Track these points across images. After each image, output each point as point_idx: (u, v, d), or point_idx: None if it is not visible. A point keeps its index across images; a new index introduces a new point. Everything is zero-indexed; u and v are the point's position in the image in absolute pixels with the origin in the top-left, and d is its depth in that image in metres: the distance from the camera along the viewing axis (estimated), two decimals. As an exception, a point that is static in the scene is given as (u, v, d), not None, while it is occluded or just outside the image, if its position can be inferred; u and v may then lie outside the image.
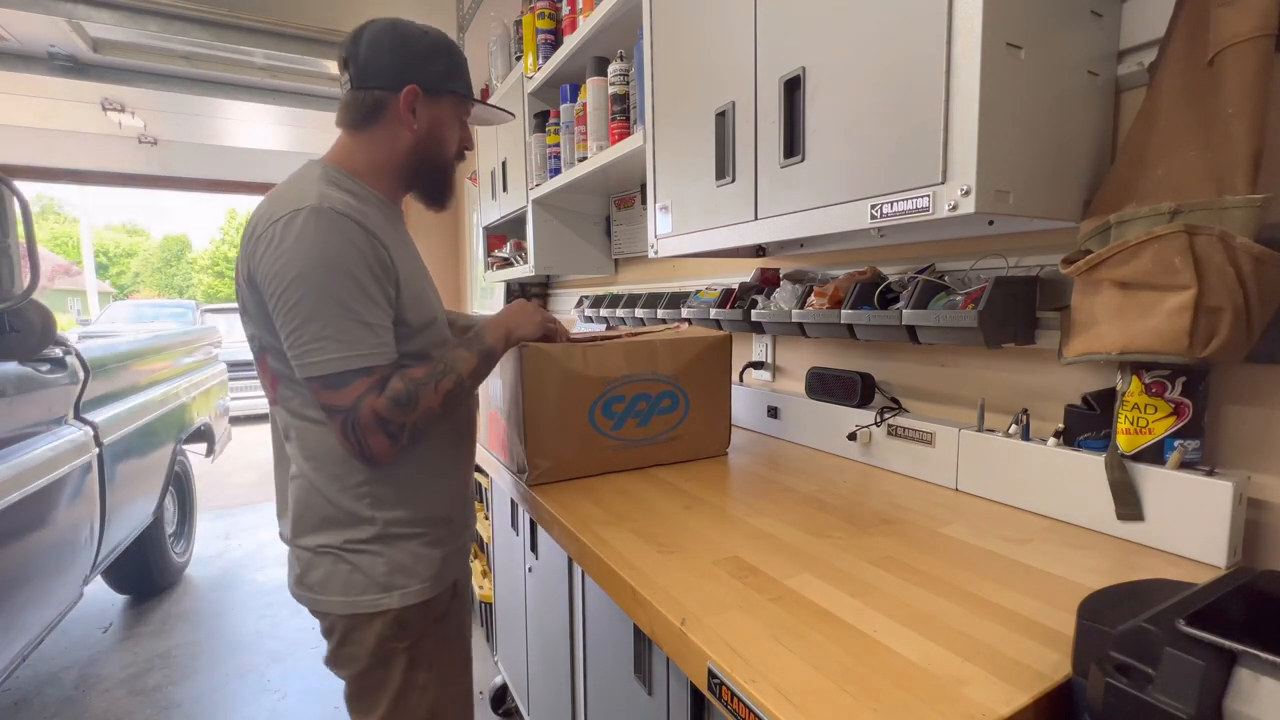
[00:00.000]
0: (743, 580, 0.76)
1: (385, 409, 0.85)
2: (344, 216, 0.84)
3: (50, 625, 1.83)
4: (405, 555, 0.95)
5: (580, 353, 1.16)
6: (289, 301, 0.83)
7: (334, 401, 0.85)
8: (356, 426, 0.85)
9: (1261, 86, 0.70)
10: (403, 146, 0.97)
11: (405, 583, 0.95)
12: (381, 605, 0.93)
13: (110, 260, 24.69)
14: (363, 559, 0.93)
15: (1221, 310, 0.70)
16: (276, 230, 0.83)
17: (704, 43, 1.17)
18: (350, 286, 0.84)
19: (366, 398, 0.85)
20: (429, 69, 0.96)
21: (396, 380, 0.87)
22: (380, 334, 0.87)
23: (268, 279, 0.83)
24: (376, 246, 0.87)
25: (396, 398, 0.86)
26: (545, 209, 2.20)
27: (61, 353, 1.93)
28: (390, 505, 0.95)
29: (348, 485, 0.92)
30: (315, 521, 0.94)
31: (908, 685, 0.55)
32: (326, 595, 0.94)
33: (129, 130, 4.84)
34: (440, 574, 0.99)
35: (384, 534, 0.94)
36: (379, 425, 0.85)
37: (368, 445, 0.86)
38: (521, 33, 2.11)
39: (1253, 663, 0.42)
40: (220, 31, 3.17)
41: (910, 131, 0.78)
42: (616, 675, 0.98)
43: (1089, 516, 0.90)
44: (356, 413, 0.84)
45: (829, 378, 1.36)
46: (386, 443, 0.87)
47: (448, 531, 1.02)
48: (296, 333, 0.83)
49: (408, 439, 0.89)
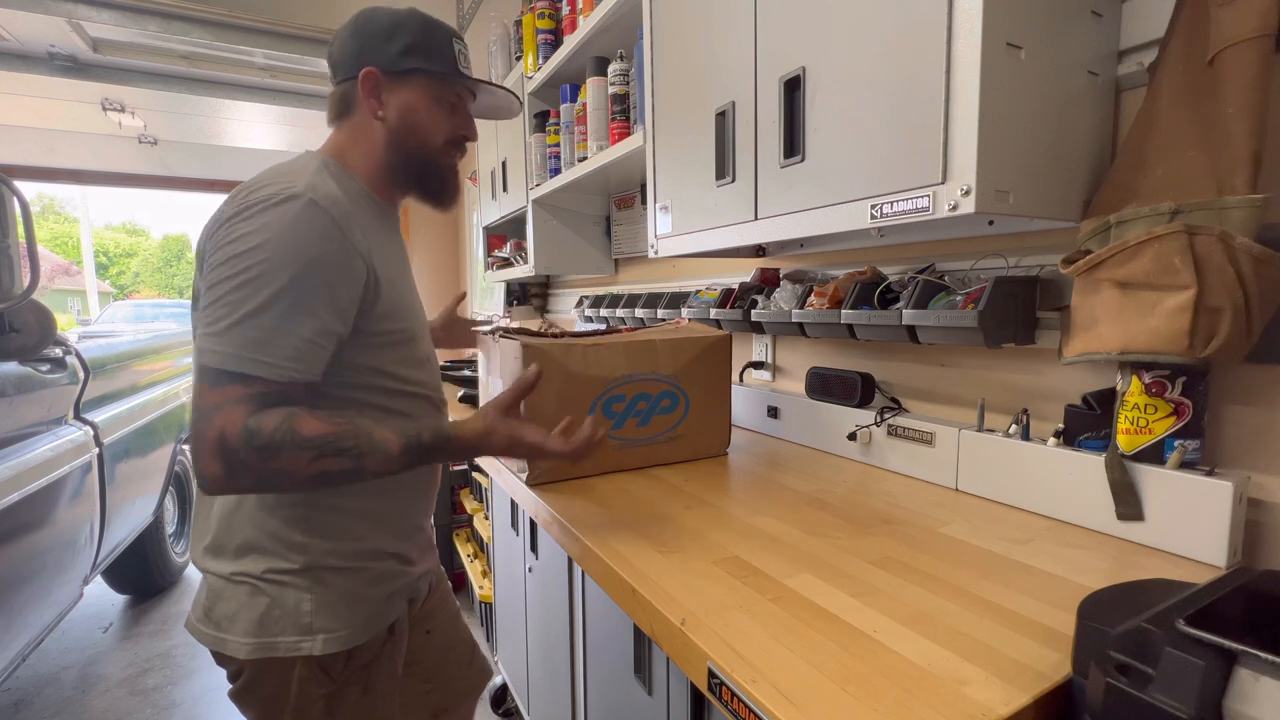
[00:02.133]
0: (743, 580, 0.76)
1: (235, 437, 0.69)
2: (326, 214, 0.76)
3: (50, 625, 1.83)
4: (336, 594, 0.82)
5: (580, 352, 1.16)
6: (219, 275, 0.72)
7: (198, 401, 0.72)
8: (200, 438, 0.70)
9: (1261, 86, 0.70)
10: (378, 139, 0.89)
11: (332, 626, 0.81)
12: (301, 650, 0.80)
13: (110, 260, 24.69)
14: (285, 594, 0.80)
15: (1221, 310, 0.70)
16: (252, 206, 0.74)
17: (704, 43, 1.17)
18: (294, 287, 0.73)
19: (227, 410, 0.70)
20: (387, 49, 0.86)
21: (274, 417, 0.71)
22: (298, 348, 0.73)
23: (215, 247, 0.74)
24: (351, 254, 0.78)
25: (254, 434, 0.69)
26: (545, 209, 2.20)
27: (61, 353, 1.93)
28: (329, 534, 0.82)
29: (279, 504, 0.80)
30: (235, 545, 0.81)
31: (908, 685, 0.55)
32: (233, 635, 0.80)
33: (129, 130, 4.84)
34: (376, 617, 0.86)
35: (315, 565, 0.81)
36: (219, 450, 0.69)
37: (201, 464, 0.71)
38: (521, 33, 2.11)
39: (1253, 663, 0.42)
40: (220, 31, 3.18)
41: (910, 131, 0.78)
42: (616, 675, 0.98)
43: (1089, 516, 0.90)
44: (206, 422, 0.70)
45: (829, 378, 1.36)
46: (220, 473, 0.70)
47: (394, 568, 0.89)
48: (209, 310, 0.72)
49: (249, 485, 0.73)
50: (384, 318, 0.84)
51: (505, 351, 1.17)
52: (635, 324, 1.91)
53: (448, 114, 0.93)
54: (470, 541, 2.66)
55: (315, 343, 0.75)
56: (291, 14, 3.22)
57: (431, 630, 1.09)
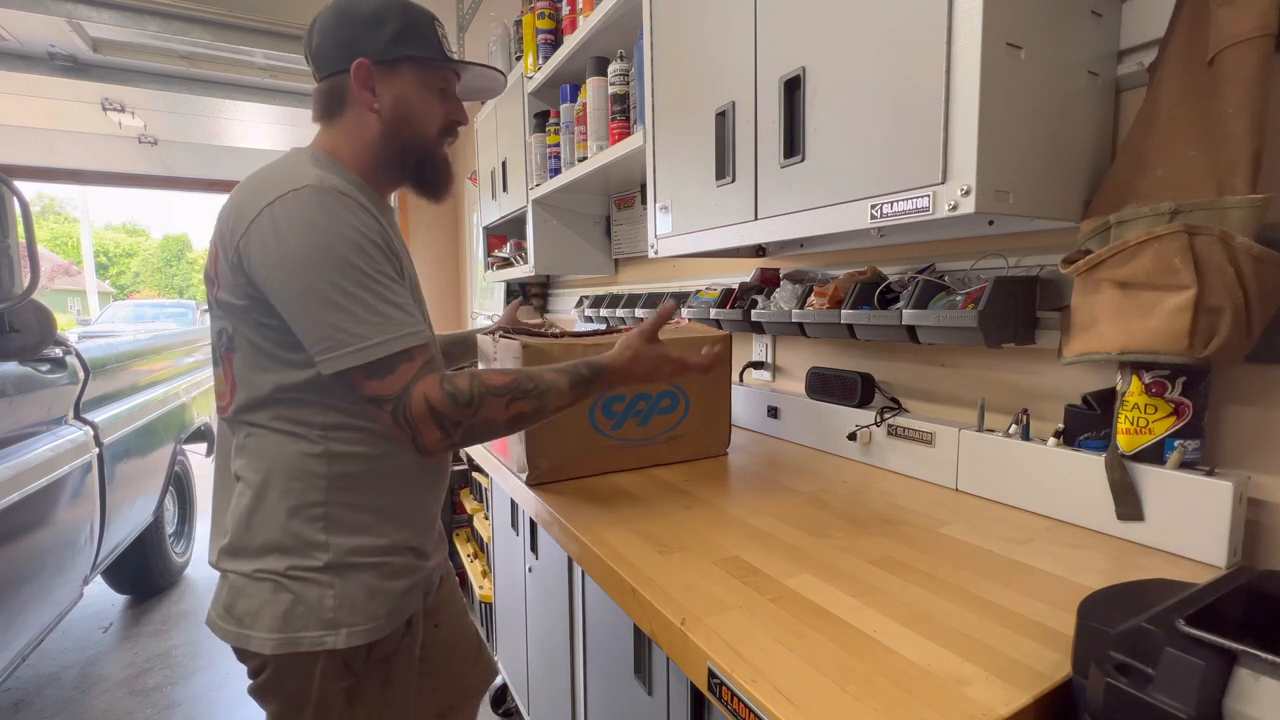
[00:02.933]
0: (743, 580, 0.76)
1: (440, 401, 0.77)
2: (346, 196, 0.77)
3: (50, 625, 1.83)
4: (359, 589, 0.83)
5: (580, 352, 1.16)
6: (299, 286, 0.74)
7: (379, 391, 0.77)
8: (408, 414, 0.77)
9: (1261, 86, 0.70)
10: (372, 132, 0.88)
11: (354, 620, 0.82)
12: (325, 644, 0.81)
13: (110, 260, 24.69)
14: (308, 589, 0.81)
15: (1221, 310, 0.70)
16: (275, 210, 0.74)
17: (704, 43, 1.17)
18: (369, 265, 0.76)
19: (417, 384, 0.77)
20: (376, 37, 0.85)
21: (464, 379, 0.80)
22: (411, 312, 0.79)
23: (270, 265, 0.74)
24: (384, 229, 0.81)
25: (456, 395, 0.78)
26: (545, 209, 2.20)
27: (61, 353, 1.93)
28: (349, 530, 0.83)
29: (303, 504, 0.82)
30: (257, 545, 0.82)
31: (908, 685, 0.55)
32: (257, 630, 0.81)
33: (129, 130, 4.84)
34: (396, 610, 0.87)
35: (337, 563, 0.82)
36: (432, 417, 0.77)
37: (421, 436, 0.78)
38: (521, 33, 2.11)
39: (1253, 663, 0.42)
40: (220, 31, 3.17)
41: (910, 131, 0.78)
42: (616, 675, 0.98)
43: (1089, 516, 0.90)
44: (407, 399, 0.77)
45: (829, 378, 1.36)
46: (439, 435, 0.79)
47: (411, 562, 0.90)
48: (316, 319, 0.74)
49: (461, 438, 0.81)
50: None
51: (505, 351, 1.17)
52: (635, 324, 1.90)
53: (439, 100, 0.92)
54: (470, 541, 2.67)
55: (413, 304, 0.81)
56: (291, 14, 3.22)
57: (439, 624, 1.08)
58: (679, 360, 0.95)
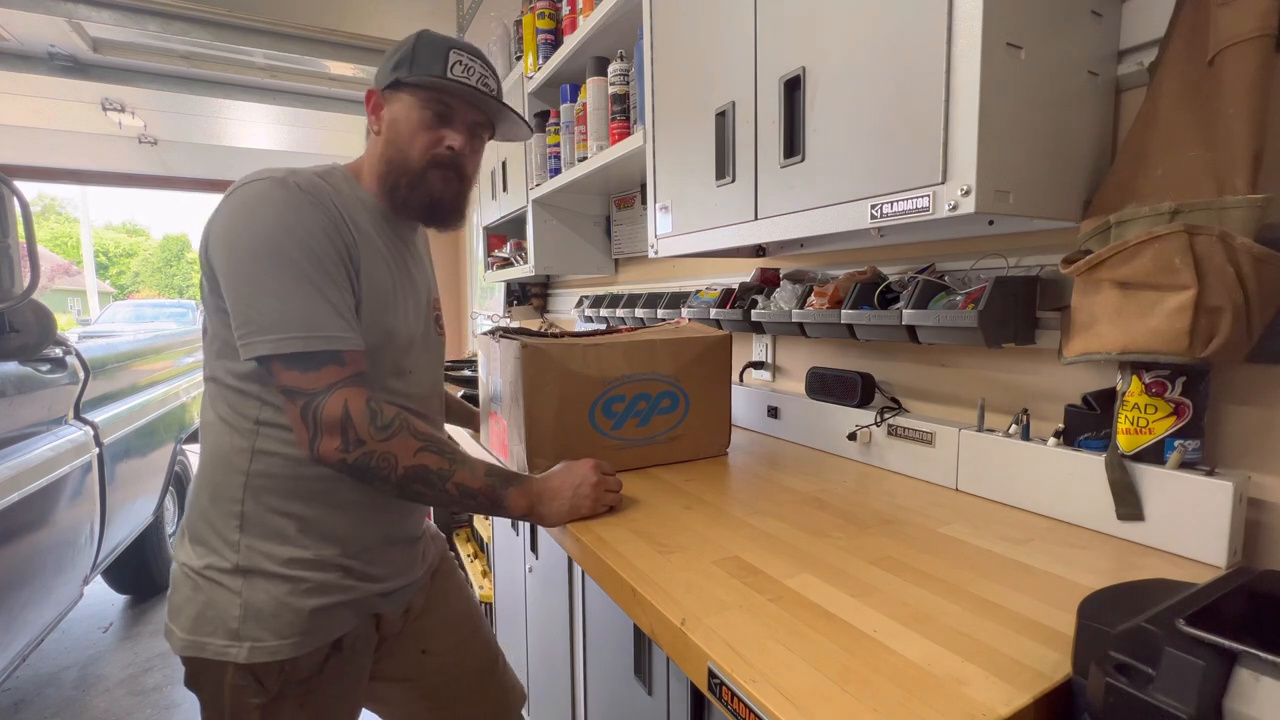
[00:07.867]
0: (743, 580, 0.76)
1: (358, 414, 0.76)
2: (306, 193, 0.78)
3: (50, 625, 1.83)
4: (266, 600, 0.80)
5: (580, 352, 1.16)
6: (240, 270, 0.75)
7: (296, 383, 0.75)
8: (319, 414, 0.75)
9: (1261, 86, 0.70)
10: (375, 154, 0.92)
11: (259, 635, 0.79)
12: (228, 655, 0.79)
13: (110, 260, 24.70)
14: (218, 593, 0.79)
15: (1221, 310, 0.70)
16: (234, 197, 0.77)
17: (704, 43, 1.17)
18: (309, 262, 0.76)
19: (341, 389, 0.76)
20: (386, 65, 0.91)
21: (390, 408, 0.80)
22: (346, 317, 0.78)
23: (218, 249, 0.76)
24: (343, 229, 0.81)
25: (376, 415, 0.77)
26: (545, 209, 2.20)
27: (61, 353, 1.93)
28: (264, 534, 0.81)
29: (222, 496, 0.80)
30: (190, 535, 0.83)
31: (908, 685, 0.55)
32: (176, 626, 0.81)
33: (129, 130, 4.83)
34: (312, 631, 0.83)
35: (247, 566, 0.80)
36: (341, 425, 0.75)
37: (320, 440, 0.76)
38: (521, 33, 2.11)
39: (1253, 663, 0.42)
40: (220, 31, 3.17)
41: (910, 131, 0.78)
42: (616, 675, 0.98)
43: (1089, 516, 0.90)
44: (325, 399, 0.75)
45: (829, 378, 1.36)
46: (338, 445, 0.76)
47: (339, 581, 0.85)
48: (249, 302, 0.75)
49: (355, 460, 0.77)
50: (362, 316, 0.84)
51: (505, 351, 1.17)
52: (635, 324, 1.91)
53: (430, 124, 0.90)
54: (470, 541, 2.66)
55: (352, 312, 0.80)
56: (291, 14, 3.21)
57: (428, 650, 1.05)
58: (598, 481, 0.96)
